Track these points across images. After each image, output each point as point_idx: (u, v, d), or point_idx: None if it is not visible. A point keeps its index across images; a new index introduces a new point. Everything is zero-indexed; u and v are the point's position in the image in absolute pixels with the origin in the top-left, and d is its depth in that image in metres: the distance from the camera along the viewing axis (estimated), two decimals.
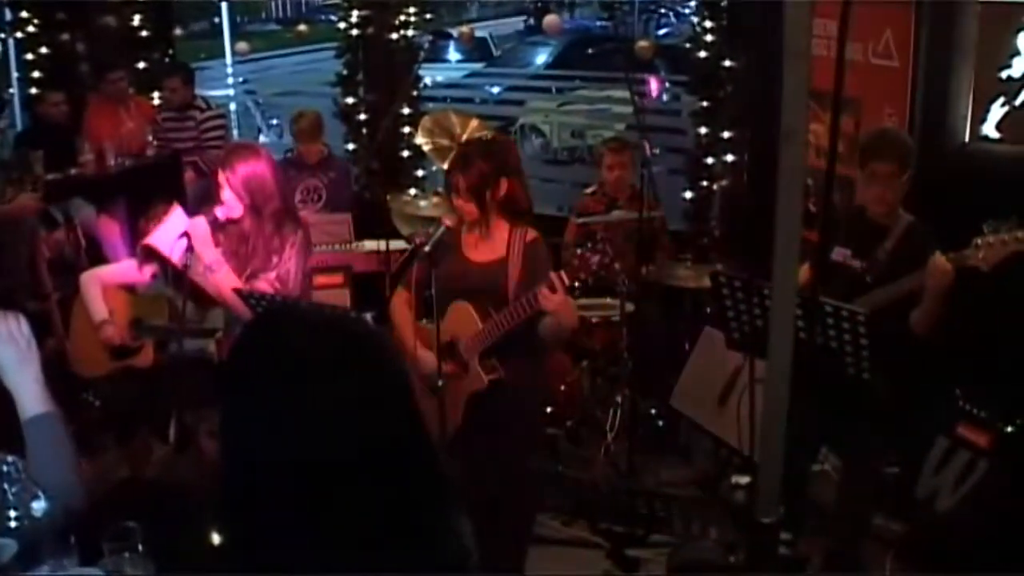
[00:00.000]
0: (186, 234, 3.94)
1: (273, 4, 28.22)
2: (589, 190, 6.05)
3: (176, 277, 3.92)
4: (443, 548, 1.42)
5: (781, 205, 1.64)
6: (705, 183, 6.23)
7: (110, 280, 4.53)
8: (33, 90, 8.09)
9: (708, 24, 6.08)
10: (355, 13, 7.51)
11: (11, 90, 9.11)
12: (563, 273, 3.44)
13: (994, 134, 4.58)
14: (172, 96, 7.45)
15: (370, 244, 6.07)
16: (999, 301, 3.86)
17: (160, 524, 2.32)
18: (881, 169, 3.74)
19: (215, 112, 7.67)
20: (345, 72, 7.70)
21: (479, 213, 3.74)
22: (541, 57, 15.17)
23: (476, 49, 16.77)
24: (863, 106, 5.03)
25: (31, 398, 2.37)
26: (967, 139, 4.66)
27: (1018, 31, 4.44)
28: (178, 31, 9.96)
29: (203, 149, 7.27)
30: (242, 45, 10.85)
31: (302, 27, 12.97)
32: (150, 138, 7.29)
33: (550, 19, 7.76)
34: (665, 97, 12.24)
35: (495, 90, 13.86)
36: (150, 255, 4.34)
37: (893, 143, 3.86)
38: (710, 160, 6.17)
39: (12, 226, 5.65)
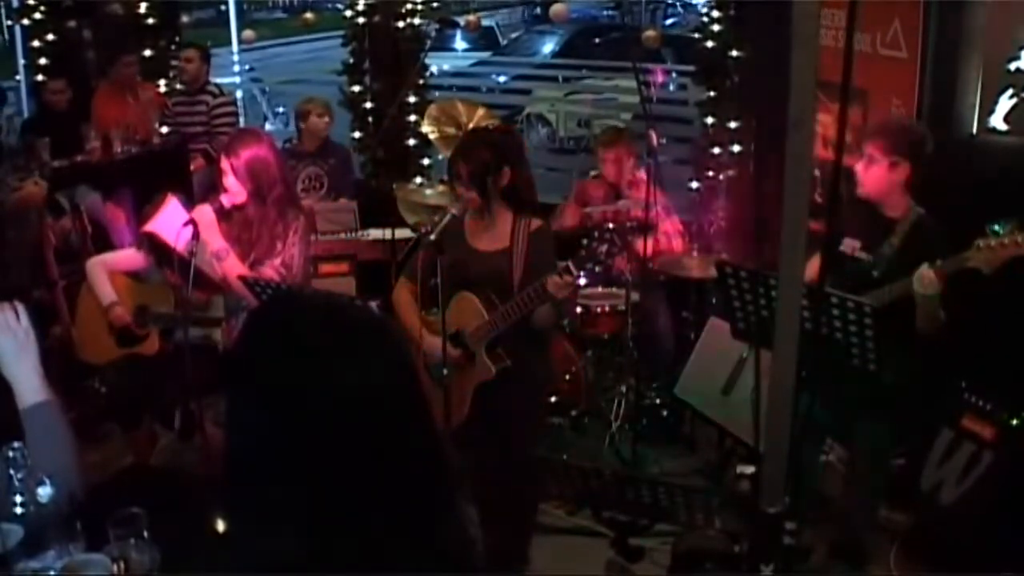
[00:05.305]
0: (191, 221, 3.95)
1: None
2: (592, 173, 6.05)
3: (181, 265, 3.92)
4: (448, 536, 1.42)
5: (788, 195, 1.63)
6: (711, 173, 6.21)
7: (116, 267, 4.53)
8: (40, 77, 8.10)
9: (715, 14, 6.06)
10: (361, 1, 7.51)
11: (17, 77, 9.13)
12: (570, 264, 3.44)
13: (1002, 126, 4.56)
14: (187, 67, 7.42)
15: (375, 232, 6.07)
16: (1003, 297, 3.84)
17: (165, 511, 2.33)
18: (867, 149, 3.75)
19: (227, 99, 7.66)
20: (351, 60, 7.70)
21: (481, 200, 3.75)
22: (548, 46, 15.14)
23: (483, 38, 16.77)
24: (871, 97, 5.01)
25: (29, 388, 2.39)
26: (975, 131, 4.64)
27: None
28: (184, 19, 9.96)
29: (212, 135, 7.27)
30: (248, 33, 10.79)
31: (308, 15, 12.93)
32: (157, 125, 7.30)
33: (557, 8, 7.70)
34: (672, 87, 12.21)
35: (502, 79, 13.85)
36: (151, 243, 4.35)
37: (882, 127, 3.88)
38: (716, 150, 6.16)
39: (19, 214, 5.65)
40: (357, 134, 7.74)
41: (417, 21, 7.56)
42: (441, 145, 6.55)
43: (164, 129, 7.41)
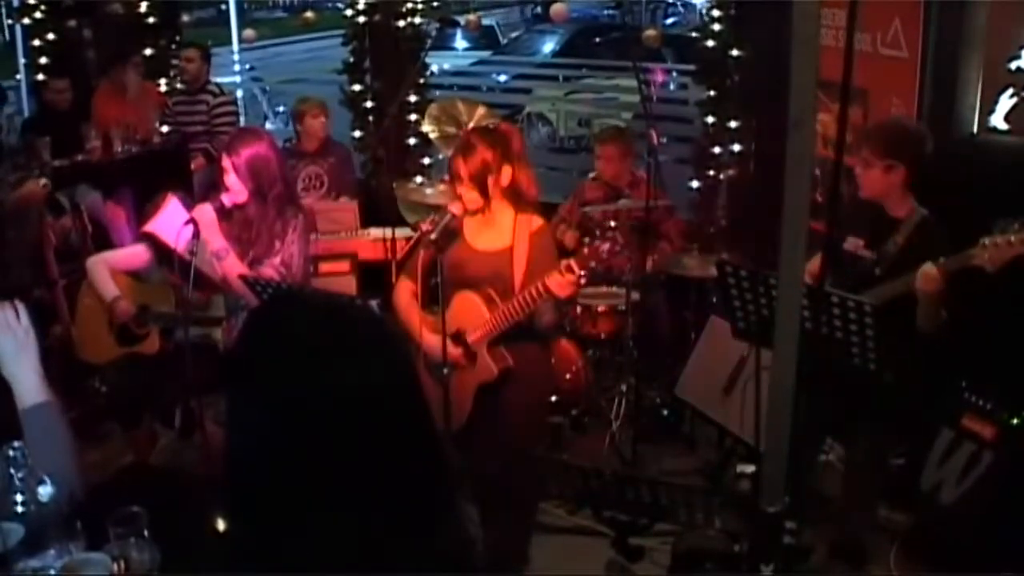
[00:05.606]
0: (192, 220, 3.95)
1: None
2: (592, 175, 6.06)
3: (181, 265, 3.92)
4: (449, 534, 1.42)
5: (788, 194, 1.63)
6: (712, 172, 6.21)
7: (117, 265, 4.52)
8: (40, 76, 8.10)
9: (715, 13, 6.06)
10: (362, 0, 7.50)
11: (18, 76, 9.13)
12: (573, 262, 3.44)
13: (1002, 125, 4.56)
14: (187, 66, 7.43)
15: (376, 232, 6.07)
16: (1005, 297, 3.84)
17: (165, 510, 2.33)
18: (863, 153, 3.77)
19: (227, 98, 7.67)
20: (352, 60, 7.70)
21: (482, 201, 3.74)
22: (548, 45, 15.14)
23: (483, 37, 16.76)
24: (871, 97, 5.01)
25: (29, 388, 2.37)
26: (975, 130, 4.64)
27: None
28: (185, 18, 9.96)
29: (213, 134, 7.27)
30: (249, 32, 10.80)
31: (309, 14, 12.92)
32: (158, 124, 7.30)
33: (557, 7, 7.70)
34: (672, 86, 12.21)
35: (502, 78, 13.85)
36: (151, 243, 4.35)
37: (877, 130, 3.91)
38: (717, 149, 6.16)
39: (19, 213, 5.66)
40: (358, 133, 7.74)
41: (417, 20, 7.55)
42: (441, 144, 6.55)
43: (164, 128, 7.41)
